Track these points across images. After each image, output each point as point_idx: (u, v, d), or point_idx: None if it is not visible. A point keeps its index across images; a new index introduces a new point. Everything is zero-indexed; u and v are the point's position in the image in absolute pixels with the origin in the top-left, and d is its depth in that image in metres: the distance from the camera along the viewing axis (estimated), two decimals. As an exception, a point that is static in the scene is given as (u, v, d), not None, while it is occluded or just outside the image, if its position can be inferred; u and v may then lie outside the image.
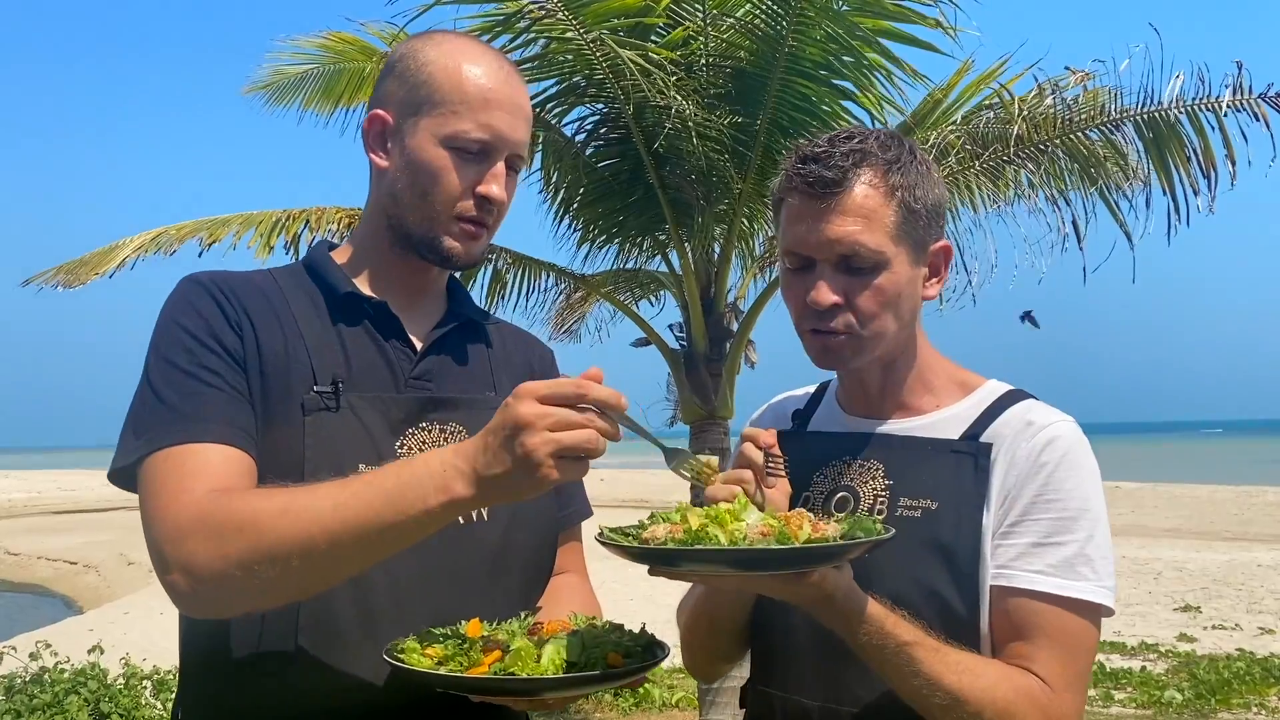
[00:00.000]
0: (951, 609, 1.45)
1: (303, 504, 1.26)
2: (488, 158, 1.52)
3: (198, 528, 1.28)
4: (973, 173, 5.36)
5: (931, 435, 1.57)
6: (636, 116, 5.51)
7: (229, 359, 1.44)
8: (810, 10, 5.09)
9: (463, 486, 1.22)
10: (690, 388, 6.18)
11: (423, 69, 1.53)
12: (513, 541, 1.56)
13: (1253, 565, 15.92)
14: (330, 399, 1.46)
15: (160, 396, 1.40)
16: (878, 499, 1.54)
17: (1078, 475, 1.47)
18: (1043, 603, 1.43)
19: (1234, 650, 9.90)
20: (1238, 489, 30.69)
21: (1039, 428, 1.50)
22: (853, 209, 1.48)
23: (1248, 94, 5.04)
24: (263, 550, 1.24)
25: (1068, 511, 1.45)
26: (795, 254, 1.53)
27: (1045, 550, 1.44)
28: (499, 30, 5.18)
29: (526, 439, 1.17)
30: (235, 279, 1.54)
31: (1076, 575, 1.43)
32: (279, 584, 1.27)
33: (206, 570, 1.27)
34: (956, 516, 1.48)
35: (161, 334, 1.46)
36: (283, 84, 6.72)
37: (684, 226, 6.05)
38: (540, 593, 1.63)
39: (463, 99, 1.50)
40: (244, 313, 1.48)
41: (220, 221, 6.01)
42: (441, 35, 1.60)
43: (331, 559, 1.25)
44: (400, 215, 1.55)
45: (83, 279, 6.04)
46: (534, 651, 1.28)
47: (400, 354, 1.56)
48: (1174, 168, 5.22)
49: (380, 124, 1.56)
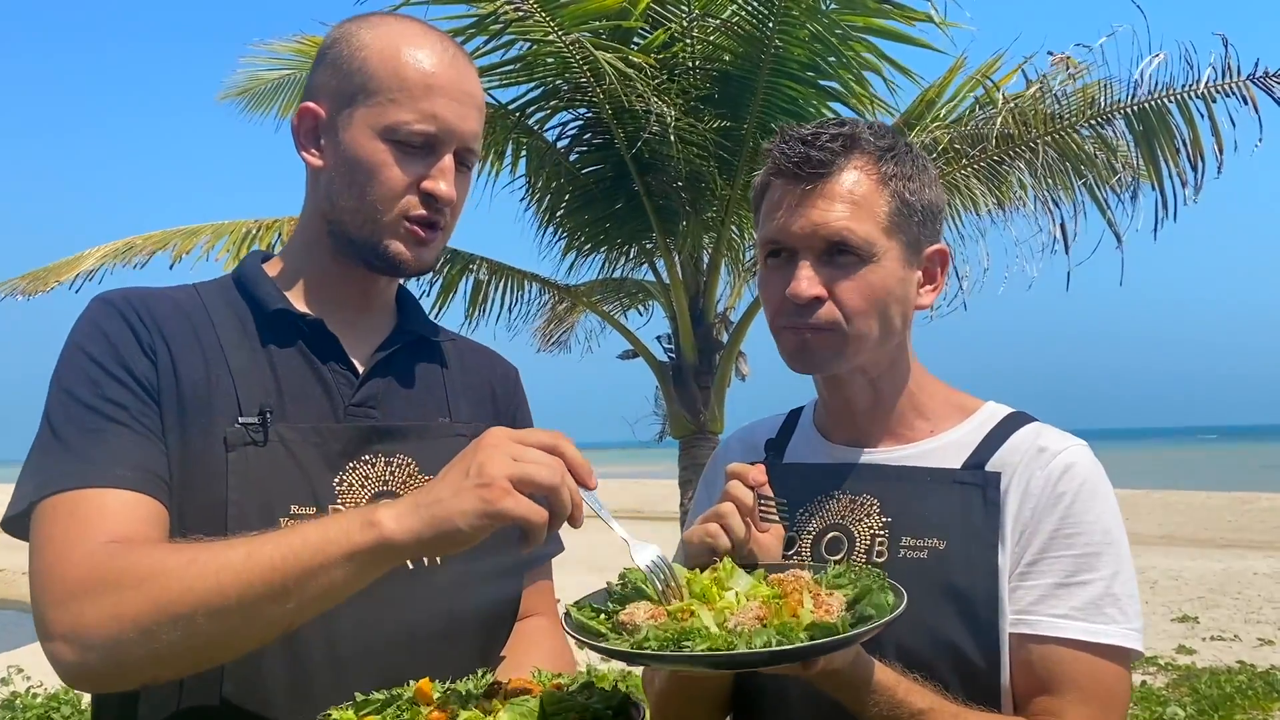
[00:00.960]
0: (968, 661, 1.31)
1: (212, 554, 1.11)
2: (433, 151, 1.36)
3: (88, 586, 1.13)
4: (964, 174, 5.26)
5: (930, 464, 1.41)
6: (619, 121, 5.41)
7: (138, 390, 1.29)
8: (795, 10, 5.00)
9: (394, 520, 1.08)
10: (679, 401, 6.07)
11: (357, 54, 1.36)
12: (471, 586, 1.40)
13: (1249, 574, 15.88)
14: (257, 431, 1.30)
15: (58, 434, 1.25)
16: (875, 539, 1.38)
17: (1098, 505, 1.34)
18: (1070, 650, 1.30)
19: (1234, 663, 9.80)
20: (1231, 495, 30.76)
21: (1053, 454, 1.36)
22: (841, 194, 1.35)
23: (1237, 76, 4.94)
24: (164, 607, 1.09)
25: (1091, 546, 1.32)
26: (776, 243, 1.39)
27: (1069, 591, 1.31)
28: (473, 32, 5.06)
29: (486, 457, 1.07)
30: (152, 297, 1.38)
31: (1105, 618, 1.30)
32: (182, 649, 1.11)
33: (96, 634, 1.11)
34: (968, 556, 1.33)
35: (64, 363, 1.31)
36: (259, 91, 6.63)
37: (671, 234, 5.95)
38: (503, 643, 1.47)
39: (401, 85, 1.34)
40: (160, 335, 1.33)
41: (190, 231, 5.87)
42: (379, 17, 1.43)
43: (245, 617, 1.10)
44: (339, 219, 1.39)
45: (46, 287, 5.88)
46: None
47: (340, 378, 1.40)
48: (1163, 160, 5.13)
49: (312, 118, 1.39)
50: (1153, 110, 5.06)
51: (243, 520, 1.23)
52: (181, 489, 1.26)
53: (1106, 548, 1.33)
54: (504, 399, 1.58)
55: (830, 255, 1.35)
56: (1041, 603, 1.32)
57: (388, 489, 1.36)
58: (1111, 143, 5.13)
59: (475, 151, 1.42)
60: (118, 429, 1.25)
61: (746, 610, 1.09)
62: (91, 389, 1.27)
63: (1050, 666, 1.30)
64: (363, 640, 1.30)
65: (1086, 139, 5.15)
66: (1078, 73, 5.05)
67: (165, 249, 5.78)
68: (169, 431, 1.28)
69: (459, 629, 1.39)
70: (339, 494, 1.33)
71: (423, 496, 1.10)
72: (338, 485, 1.33)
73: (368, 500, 1.33)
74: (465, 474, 1.07)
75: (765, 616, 1.08)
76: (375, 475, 1.36)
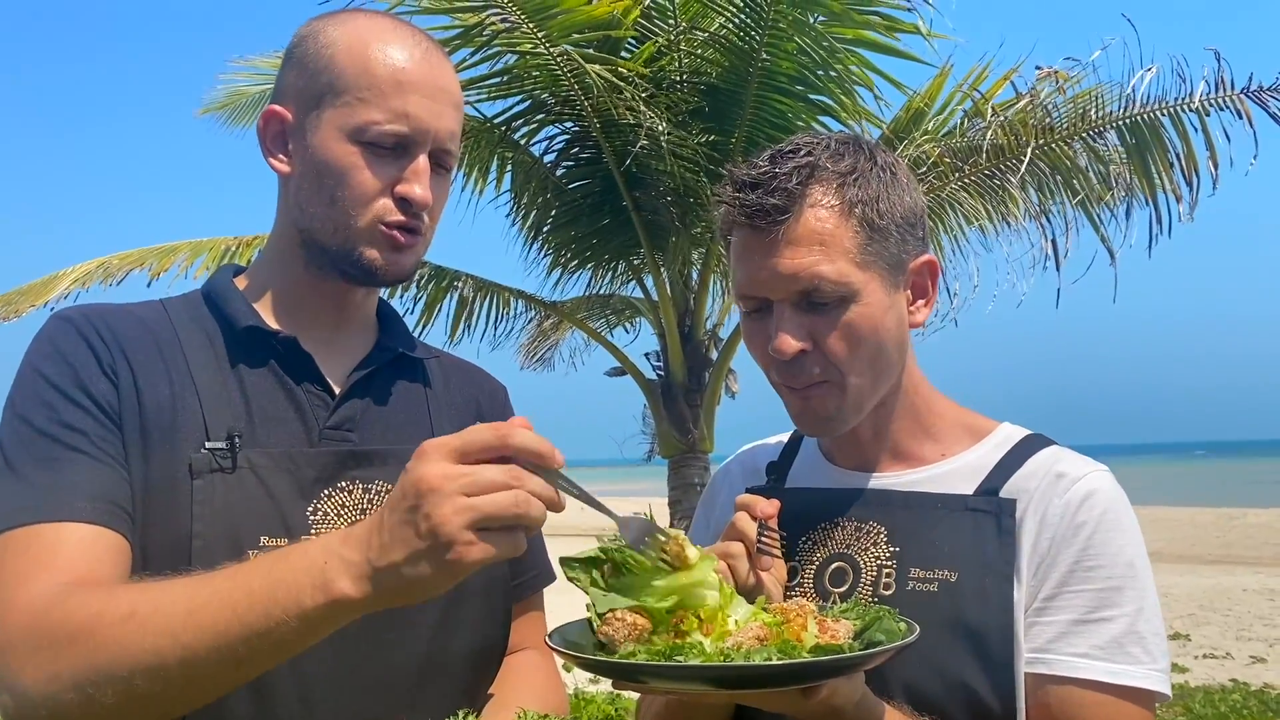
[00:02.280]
0: (982, 703, 1.23)
1: (152, 607, 1.03)
2: (406, 152, 1.28)
3: (26, 637, 1.06)
4: (954, 188, 5.23)
5: (940, 490, 1.34)
6: (607, 134, 5.36)
7: (98, 414, 1.21)
8: (783, 23, 4.97)
9: (349, 583, 0.98)
10: (668, 419, 6.01)
11: (323, 52, 1.29)
12: (454, 624, 1.32)
13: (1238, 590, 15.97)
14: (224, 457, 1.22)
15: (11, 465, 1.18)
16: (882, 570, 1.32)
17: (1122, 536, 1.27)
18: (1091, 692, 1.22)
19: (1227, 681, 9.80)
20: (1219, 511, 31.00)
21: (1072, 480, 1.29)
22: (806, 236, 1.25)
23: (1230, 90, 4.91)
24: (99, 667, 1.03)
25: (1113, 580, 1.25)
26: (748, 296, 1.31)
27: (1090, 629, 1.24)
28: (458, 44, 5.00)
29: (433, 508, 0.94)
30: (114, 314, 1.31)
31: (1128, 657, 1.23)
32: (121, 711, 1.04)
33: (35, 692, 1.05)
34: (981, 590, 1.26)
35: (18, 386, 1.24)
36: (239, 105, 6.57)
37: (659, 250, 5.90)
38: (491, 680, 1.39)
39: (370, 84, 1.26)
40: (122, 355, 1.25)
41: (168, 249, 5.78)
42: (348, 14, 1.36)
43: (186, 678, 1.02)
44: (310, 228, 1.31)
45: (20, 310, 5.78)
46: None
47: (314, 399, 1.32)
48: (1157, 174, 5.10)
49: (279, 122, 1.32)
50: (1145, 123, 5.03)
51: (208, 553, 1.15)
52: (144, 520, 1.18)
53: (1130, 581, 1.26)
54: (491, 419, 1.49)
55: (805, 303, 1.27)
56: (1060, 640, 1.24)
57: (365, 517, 1.25)
58: (1104, 155, 5.10)
59: (452, 152, 1.34)
60: (76, 457, 1.18)
61: (746, 630, 1.03)
62: (48, 414, 1.20)
63: (1069, 710, 1.22)
64: (337, 680, 1.23)
65: (1079, 152, 5.11)
66: (1068, 83, 5.03)
67: (142, 268, 5.70)
68: (131, 458, 1.21)
69: (442, 668, 1.31)
70: (313, 524, 1.25)
71: (376, 556, 0.98)
72: (312, 514, 1.26)
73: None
74: (416, 532, 0.96)
75: (766, 637, 1.02)
76: (353, 503, 1.29)
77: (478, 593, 1.34)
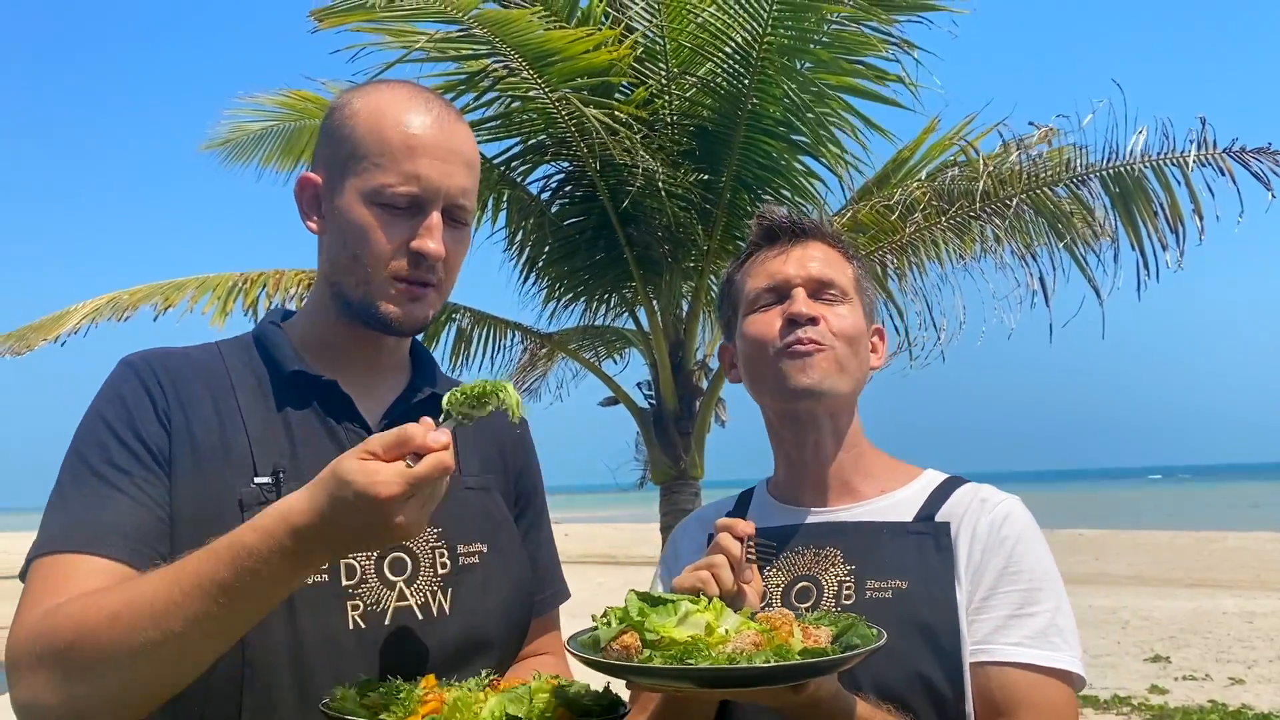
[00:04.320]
0: (937, 690, 1.42)
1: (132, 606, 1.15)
2: (420, 210, 1.39)
3: (28, 655, 1.18)
4: (939, 229, 5.41)
5: (884, 519, 1.55)
6: (602, 173, 5.51)
7: (147, 458, 1.32)
8: (770, 69, 5.16)
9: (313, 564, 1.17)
10: (660, 447, 6.12)
11: (347, 122, 1.42)
12: (478, 634, 1.43)
13: (1218, 612, 15.97)
14: (271, 491, 1.32)
15: (63, 495, 1.30)
16: (842, 584, 1.51)
17: (1038, 548, 1.51)
18: (1024, 673, 1.42)
19: (1206, 702, 9.86)
20: (1197, 534, 30.99)
21: (993, 505, 1.53)
22: (822, 252, 1.62)
23: (1212, 148, 5.13)
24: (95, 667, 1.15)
25: (1034, 583, 1.47)
26: (772, 287, 1.59)
27: (1020, 622, 1.45)
28: (462, 89, 5.17)
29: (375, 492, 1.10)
30: (174, 359, 1.43)
31: (1051, 645, 1.44)
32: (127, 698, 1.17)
33: (52, 701, 1.17)
34: (929, 594, 1.46)
35: (82, 425, 1.36)
36: (242, 141, 6.63)
37: (651, 283, 6.05)
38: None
39: (384, 150, 1.38)
40: (177, 400, 1.37)
41: (175, 286, 5.87)
42: (373, 85, 1.49)
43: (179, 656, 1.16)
44: (339, 281, 1.44)
45: (32, 345, 5.85)
46: (475, 701, 1.17)
47: (353, 436, 1.43)
48: (1142, 223, 5.31)
49: (312, 187, 1.45)
50: (1128, 174, 5.25)
51: None
52: (197, 546, 1.26)
53: (1047, 584, 1.48)
54: (512, 452, 1.62)
55: (817, 293, 1.58)
56: (997, 633, 1.44)
57: (398, 546, 1.39)
58: (1088, 203, 5.31)
59: (465, 207, 1.43)
60: (118, 496, 1.28)
61: (743, 637, 1.16)
62: (100, 453, 1.31)
63: (1007, 690, 1.42)
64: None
65: (1063, 198, 5.33)
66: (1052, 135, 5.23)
67: (150, 303, 5.78)
68: (184, 491, 1.31)
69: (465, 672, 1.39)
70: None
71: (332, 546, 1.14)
72: None
73: (377, 558, 1.37)
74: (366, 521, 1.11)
75: (761, 643, 1.15)
76: None
77: (505, 604, 1.46)
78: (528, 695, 1.19)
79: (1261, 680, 10.83)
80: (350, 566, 1.35)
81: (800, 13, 5.09)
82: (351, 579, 1.35)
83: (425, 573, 1.40)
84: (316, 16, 4.66)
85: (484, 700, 1.18)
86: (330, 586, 1.33)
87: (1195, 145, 5.06)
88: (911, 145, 5.96)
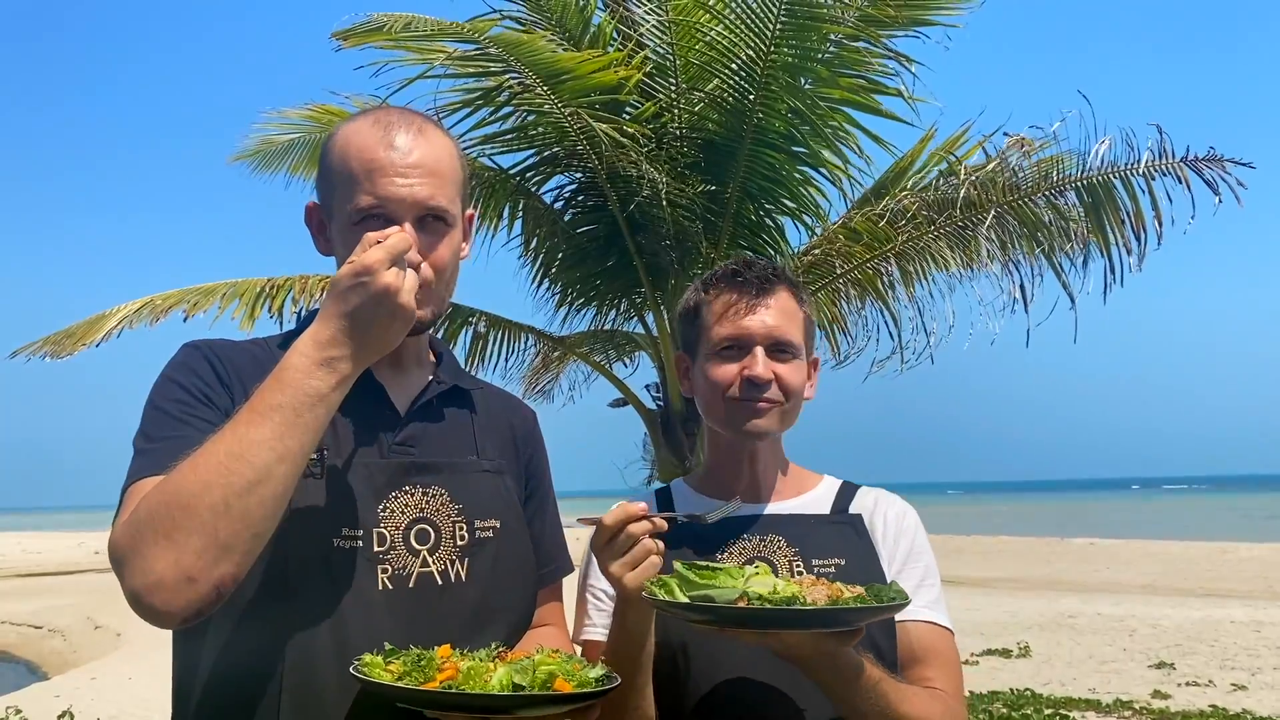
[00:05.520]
0: (879, 648, 1.69)
1: (208, 448, 1.31)
2: (392, 222, 1.49)
3: (132, 540, 1.30)
4: (930, 237, 5.61)
5: (807, 512, 1.84)
6: (612, 184, 5.72)
7: (214, 411, 1.47)
8: (775, 85, 5.37)
9: (340, 372, 1.35)
10: (667, 447, 6.31)
11: (327, 158, 1.57)
12: (491, 600, 1.58)
13: (1226, 622, 15.87)
14: (315, 465, 1.46)
15: (148, 437, 1.46)
16: (792, 564, 1.76)
17: (924, 537, 1.87)
18: (930, 628, 1.77)
19: (1207, 706, 9.89)
20: (1211, 545, 30.75)
21: (890, 502, 1.88)
22: (780, 307, 1.81)
23: (1171, 158, 5.42)
24: (197, 518, 1.27)
25: (928, 564, 1.84)
26: (731, 339, 1.79)
27: (923, 591, 1.78)
28: (480, 103, 5.40)
29: (403, 299, 1.34)
30: (232, 348, 1.60)
31: (942, 609, 1.81)
32: (231, 546, 1.29)
33: (167, 572, 1.27)
34: (864, 569, 1.75)
35: (157, 388, 1.52)
36: (269, 152, 6.89)
37: (659, 289, 6.24)
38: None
39: (349, 176, 1.51)
40: (236, 379, 1.52)
41: (205, 290, 6.10)
42: (350, 119, 1.61)
43: (255, 476, 1.29)
44: None
45: (70, 349, 6.07)
46: (487, 670, 1.31)
47: (384, 421, 1.59)
48: (1110, 229, 5.59)
49: (316, 213, 1.62)
50: (1100, 185, 5.53)
51: (301, 540, 1.43)
52: None
53: (933, 564, 1.85)
54: (523, 439, 1.78)
55: (775, 349, 1.78)
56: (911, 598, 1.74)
57: (423, 515, 1.54)
58: (1065, 212, 5.55)
59: (439, 210, 1.52)
60: (189, 432, 1.42)
61: (817, 590, 1.43)
62: (179, 406, 1.48)
63: (922, 641, 1.75)
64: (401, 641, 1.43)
65: (1043, 208, 5.57)
66: (1032, 150, 5.47)
67: (181, 307, 6.01)
68: None
69: (482, 630, 1.54)
70: (382, 519, 1.51)
71: (356, 346, 1.34)
72: (381, 511, 1.52)
73: (404, 528, 1.52)
74: (370, 298, 1.33)
75: (831, 595, 1.42)
76: (414, 504, 1.54)
77: (514, 574, 1.62)
78: (531, 667, 1.33)
79: (1265, 687, 10.82)
80: (381, 535, 1.50)
81: (804, 31, 5.29)
82: (382, 546, 1.50)
83: (446, 543, 1.55)
84: (338, 37, 4.91)
85: (493, 670, 1.32)
86: (364, 551, 1.48)
87: (1156, 154, 5.35)
88: (910, 155, 6.17)
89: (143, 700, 11.43)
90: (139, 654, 14.67)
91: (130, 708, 11.05)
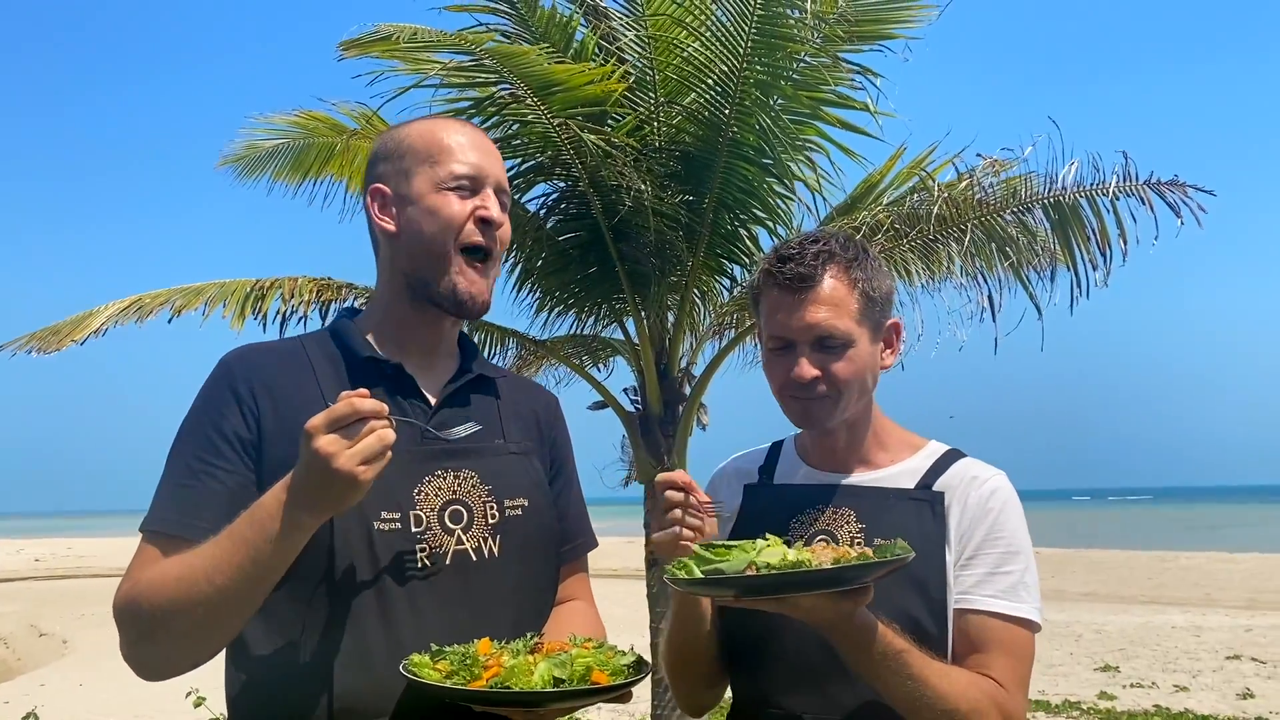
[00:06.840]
0: (924, 630, 1.67)
1: (188, 570, 1.45)
2: (480, 187, 1.69)
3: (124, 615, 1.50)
4: (901, 250, 5.86)
5: (891, 486, 1.80)
6: (596, 192, 5.87)
7: (236, 450, 1.58)
8: (748, 100, 5.57)
9: (303, 525, 1.43)
10: (645, 448, 6.45)
11: (404, 142, 1.72)
12: (521, 573, 1.68)
13: (1167, 627, 16.32)
14: None
15: (167, 479, 1.59)
16: (854, 540, 1.74)
17: (1015, 519, 1.77)
18: (996, 620, 1.69)
19: (1151, 706, 10.25)
20: (1152, 554, 31.56)
21: (983, 480, 1.78)
22: (824, 299, 1.74)
23: (1135, 181, 5.71)
24: (165, 617, 1.45)
25: (1010, 547, 1.74)
26: (778, 338, 1.77)
27: (995, 578, 1.71)
28: (472, 112, 5.55)
29: (337, 464, 1.35)
30: (263, 354, 1.70)
31: (1019, 598, 1.71)
32: (193, 635, 1.47)
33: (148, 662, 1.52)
34: (924, 552, 1.67)
35: (188, 418, 1.63)
36: (254, 157, 6.94)
37: (640, 296, 6.39)
38: (545, 618, 1.73)
39: (443, 150, 1.69)
40: (266, 391, 1.61)
41: (194, 290, 6.14)
42: (414, 120, 1.79)
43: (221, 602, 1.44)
44: (415, 267, 1.68)
45: (57, 345, 6.06)
46: (530, 667, 1.40)
47: (417, 409, 1.67)
48: (1076, 246, 5.85)
49: (381, 195, 1.71)
50: (1066, 203, 5.77)
51: (345, 525, 1.53)
52: None
53: (1021, 549, 1.75)
54: (546, 423, 1.88)
55: (820, 345, 1.74)
56: (977, 587, 1.71)
57: (455, 497, 1.63)
58: (1031, 228, 5.82)
59: (508, 192, 1.75)
60: (212, 485, 1.55)
61: (824, 553, 1.44)
62: (195, 446, 1.58)
63: (982, 632, 1.68)
64: (441, 612, 1.58)
65: (1010, 224, 5.83)
66: (1002, 168, 5.76)
67: (170, 306, 6.04)
68: (274, 463, 1.54)
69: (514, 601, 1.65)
70: (417, 502, 1.60)
71: (313, 503, 1.39)
72: (417, 495, 1.61)
73: (439, 509, 1.61)
74: (332, 476, 1.35)
75: (838, 558, 1.43)
76: (446, 487, 1.63)
77: (543, 549, 1.72)
78: (569, 660, 1.42)
79: (1205, 688, 11.21)
80: (418, 516, 1.60)
81: (772, 50, 5.48)
82: (419, 527, 1.59)
83: (478, 522, 1.64)
84: (344, 47, 5.05)
85: (534, 664, 1.40)
86: (402, 532, 1.58)
87: (1121, 177, 5.65)
88: (881, 171, 6.42)
89: (101, 705, 11.27)
90: (88, 661, 14.41)
91: (85, 715, 10.89)
